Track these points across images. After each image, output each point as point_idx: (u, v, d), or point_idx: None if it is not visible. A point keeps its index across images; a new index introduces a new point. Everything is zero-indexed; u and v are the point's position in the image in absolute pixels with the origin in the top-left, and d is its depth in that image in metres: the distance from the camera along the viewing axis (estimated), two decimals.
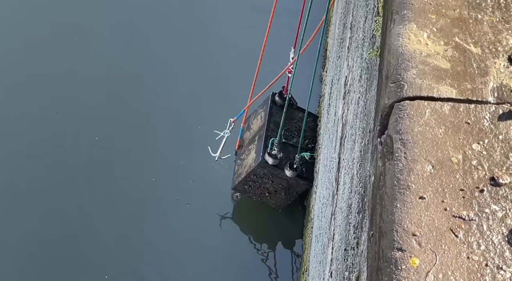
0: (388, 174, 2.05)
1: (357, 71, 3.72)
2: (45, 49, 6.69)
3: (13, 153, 6.12)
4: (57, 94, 6.44)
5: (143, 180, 5.99)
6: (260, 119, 5.73)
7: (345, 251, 3.20)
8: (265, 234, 5.90)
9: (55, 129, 6.24)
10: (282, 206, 5.81)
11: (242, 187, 5.67)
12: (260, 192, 5.68)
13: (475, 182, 1.95)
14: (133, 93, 6.47)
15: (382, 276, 1.89)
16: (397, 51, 2.21)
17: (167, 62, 6.65)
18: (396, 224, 1.91)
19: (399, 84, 2.15)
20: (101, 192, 5.95)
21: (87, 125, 6.25)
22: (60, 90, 6.48)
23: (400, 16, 2.28)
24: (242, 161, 5.72)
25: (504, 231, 1.87)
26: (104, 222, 5.81)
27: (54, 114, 6.31)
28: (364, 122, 3.17)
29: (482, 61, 2.16)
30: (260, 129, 5.65)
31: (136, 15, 6.98)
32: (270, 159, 5.34)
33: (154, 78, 6.56)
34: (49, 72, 6.55)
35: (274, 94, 5.77)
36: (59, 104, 6.37)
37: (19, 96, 6.42)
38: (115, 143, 6.21)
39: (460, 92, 2.11)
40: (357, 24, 4.02)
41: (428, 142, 2.03)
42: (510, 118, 2.04)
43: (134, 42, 6.79)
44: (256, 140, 5.62)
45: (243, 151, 5.78)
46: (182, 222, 5.82)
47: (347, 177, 3.52)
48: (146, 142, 6.22)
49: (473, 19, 2.25)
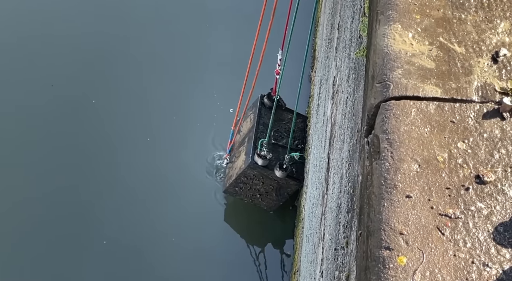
0: (375, 174, 2.06)
1: (345, 71, 3.74)
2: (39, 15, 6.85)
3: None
4: (52, 66, 6.56)
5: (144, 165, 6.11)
6: (250, 121, 5.75)
7: (335, 251, 3.21)
8: (256, 234, 5.91)
9: (51, 101, 6.34)
10: (273, 207, 5.82)
11: (233, 189, 5.68)
12: (251, 194, 5.69)
13: (461, 180, 1.97)
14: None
15: (370, 275, 1.91)
16: (382, 52, 2.23)
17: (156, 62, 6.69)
18: (384, 223, 1.93)
19: (385, 84, 2.17)
20: (102, 158, 6.07)
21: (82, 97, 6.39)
22: (54, 60, 6.58)
23: (385, 16, 2.30)
24: (233, 164, 5.73)
25: (490, 228, 1.89)
26: (106, 189, 5.94)
27: (49, 86, 6.42)
28: (353, 122, 3.19)
29: (466, 61, 2.18)
30: (249, 131, 5.66)
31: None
32: (260, 159, 5.35)
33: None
34: (43, 42, 6.69)
35: (263, 96, 5.78)
36: (55, 77, 6.49)
37: (13, 73, 6.54)
38: (112, 107, 6.37)
39: (445, 91, 2.13)
40: (344, 24, 4.04)
41: (414, 141, 2.05)
42: (494, 116, 2.06)
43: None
44: (246, 142, 5.63)
45: (234, 153, 5.80)
46: (172, 223, 5.83)
47: (337, 176, 3.53)
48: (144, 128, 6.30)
49: (457, 19, 2.27)
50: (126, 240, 5.73)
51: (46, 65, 6.56)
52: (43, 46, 6.68)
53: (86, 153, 6.11)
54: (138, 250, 5.68)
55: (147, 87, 6.49)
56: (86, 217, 5.81)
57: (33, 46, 6.68)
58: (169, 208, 5.89)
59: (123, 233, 5.75)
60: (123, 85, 6.50)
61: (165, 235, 5.77)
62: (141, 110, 6.36)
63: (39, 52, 6.63)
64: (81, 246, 5.69)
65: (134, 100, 6.41)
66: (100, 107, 6.34)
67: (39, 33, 6.76)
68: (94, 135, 6.19)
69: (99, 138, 6.18)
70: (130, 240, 5.73)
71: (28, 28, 6.78)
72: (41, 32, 6.77)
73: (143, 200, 5.92)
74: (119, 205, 5.88)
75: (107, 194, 5.92)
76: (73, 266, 5.60)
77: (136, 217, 5.84)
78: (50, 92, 6.40)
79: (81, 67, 6.55)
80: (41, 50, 6.65)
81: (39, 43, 6.69)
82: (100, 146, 6.14)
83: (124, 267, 5.62)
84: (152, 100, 6.41)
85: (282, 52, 5.11)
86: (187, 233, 5.78)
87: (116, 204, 5.88)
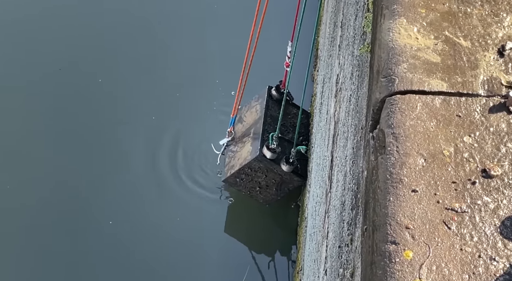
0: (380, 168, 2.05)
1: (348, 69, 3.73)
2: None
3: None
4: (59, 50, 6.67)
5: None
6: (256, 112, 5.67)
7: (339, 248, 3.20)
8: (258, 233, 5.89)
9: (58, 84, 6.47)
10: (270, 201, 5.75)
11: (234, 180, 5.57)
12: (251, 186, 5.59)
13: (467, 175, 1.96)
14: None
15: (376, 269, 1.89)
16: (387, 46, 2.22)
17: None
18: (390, 218, 1.92)
19: (390, 79, 2.15)
20: (108, 139, 6.19)
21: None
22: (62, 46, 6.71)
23: (390, 11, 2.29)
24: (235, 154, 5.63)
25: (497, 222, 1.87)
26: (110, 164, 6.07)
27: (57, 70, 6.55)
28: (356, 119, 3.17)
29: (472, 54, 2.17)
30: (255, 122, 5.58)
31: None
32: (269, 153, 5.28)
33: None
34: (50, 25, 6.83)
35: (271, 88, 5.75)
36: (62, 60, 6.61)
37: (20, 54, 6.65)
38: (118, 85, 6.50)
39: (450, 85, 2.11)
40: (347, 22, 4.03)
41: (420, 135, 2.04)
42: (501, 110, 2.05)
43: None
44: (252, 133, 5.54)
45: (235, 143, 5.72)
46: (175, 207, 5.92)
47: (340, 174, 3.52)
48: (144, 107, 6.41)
49: (462, 13, 2.26)
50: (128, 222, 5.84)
51: (54, 45, 6.72)
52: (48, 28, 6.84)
53: (92, 132, 6.26)
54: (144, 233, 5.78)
55: (152, 62, 6.63)
56: (91, 200, 5.91)
57: (40, 25, 6.84)
58: (171, 199, 5.95)
59: (126, 214, 5.87)
60: (129, 65, 6.63)
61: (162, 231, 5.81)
62: (147, 87, 6.50)
63: (47, 33, 6.79)
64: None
65: (139, 78, 6.55)
66: (106, 85, 6.49)
67: (45, 12, 6.92)
68: (100, 113, 6.35)
69: (104, 117, 6.34)
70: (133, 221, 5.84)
71: (31, 6, 6.92)
72: (46, 12, 6.93)
73: (146, 185, 6.03)
74: (123, 184, 5.99)
75: (111, 172, 6.04)
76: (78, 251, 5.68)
77: (140, 195, 5.94)
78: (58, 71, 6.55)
79: (89, 47, 6.70)
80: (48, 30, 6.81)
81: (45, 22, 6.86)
82: (104, 127, 6.31)
83: (125, 251, 5.70)
84: (157, 78, 6.54)
85: (292, 44, 5.04)
86: (187, 231, 5.79)
87: (120, 183, 6.00)
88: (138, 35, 6.80)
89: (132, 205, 5.89)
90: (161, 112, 6.34)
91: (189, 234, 5.78)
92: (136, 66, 6.61)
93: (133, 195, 5.95)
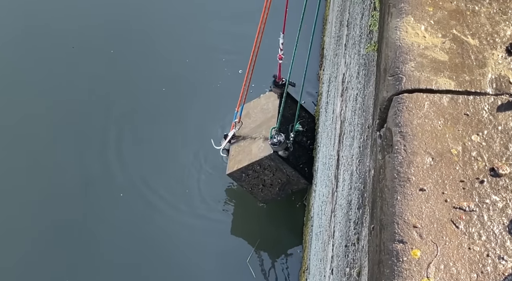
0: (388, 167, 2.04)
1: (354, 68, 3.72)
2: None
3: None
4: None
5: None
6: (267, 110, 5.63)
7: (345, 247, 3.19)
8: (264, 233, 5.88)
9: (72, 63, 6.73)
10: (268, 201, 5.70)
11: (239, 175, 5.46)
12: (254, 183, 5.51)
13: (475, 173, 1.95)
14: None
15: (383, 268, 1.89)
16: (394, 44, 2.21)
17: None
18: (397, 217, 1.91)
19: (398, 77, 2.15)
20: (119, 108, 6.42)
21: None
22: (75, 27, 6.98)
23: (397, 9, 2.28)
24: (243, 148, 5.52)
25: (505, 221, 1.86)
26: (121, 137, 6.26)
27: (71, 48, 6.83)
28: (363, 118, 3.17)
29: (480, 53, 2.16)
30: (268, 120, 5.54)
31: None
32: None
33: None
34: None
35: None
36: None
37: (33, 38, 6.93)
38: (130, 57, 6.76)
39: (458, 84, 2.10)
40: (353, 21, 4.02)
41: (427, 134, 2.03)
42: (509, 109, 2.04)
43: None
44: (263, 130, 5.51)
45: (242, 138, 5.62)
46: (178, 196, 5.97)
47: (347, 173, 3.51)
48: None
49: (470, 11, 2.25)
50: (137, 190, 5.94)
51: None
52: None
53: (107, 102, 6.48)
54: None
55: (163, 36, 6.88)
56: (91, 199, 5.97)
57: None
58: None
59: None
60: (141, 41, 6.89)
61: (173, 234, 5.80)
62: (157, 60, 6.72)
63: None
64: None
65: (150, 52, 6.78)
66: (118, 56, 6.74)
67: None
68: (114, 84, 6.59)
69: (117, 89, 6.57)
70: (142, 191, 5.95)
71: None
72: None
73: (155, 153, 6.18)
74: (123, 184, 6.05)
75: (111, 170, 6.10)
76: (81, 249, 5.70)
77: (140, 195, 6.00)
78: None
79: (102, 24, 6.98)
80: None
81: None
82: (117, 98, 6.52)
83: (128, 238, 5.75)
84: (167, 50, 6.77)
85: (283, 36, 5.06)
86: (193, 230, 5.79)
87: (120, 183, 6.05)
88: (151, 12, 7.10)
89: (132, 205, 5.89)
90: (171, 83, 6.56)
91: (193, 232, 5.78)
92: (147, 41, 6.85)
93: (133, 195, 5.95)
